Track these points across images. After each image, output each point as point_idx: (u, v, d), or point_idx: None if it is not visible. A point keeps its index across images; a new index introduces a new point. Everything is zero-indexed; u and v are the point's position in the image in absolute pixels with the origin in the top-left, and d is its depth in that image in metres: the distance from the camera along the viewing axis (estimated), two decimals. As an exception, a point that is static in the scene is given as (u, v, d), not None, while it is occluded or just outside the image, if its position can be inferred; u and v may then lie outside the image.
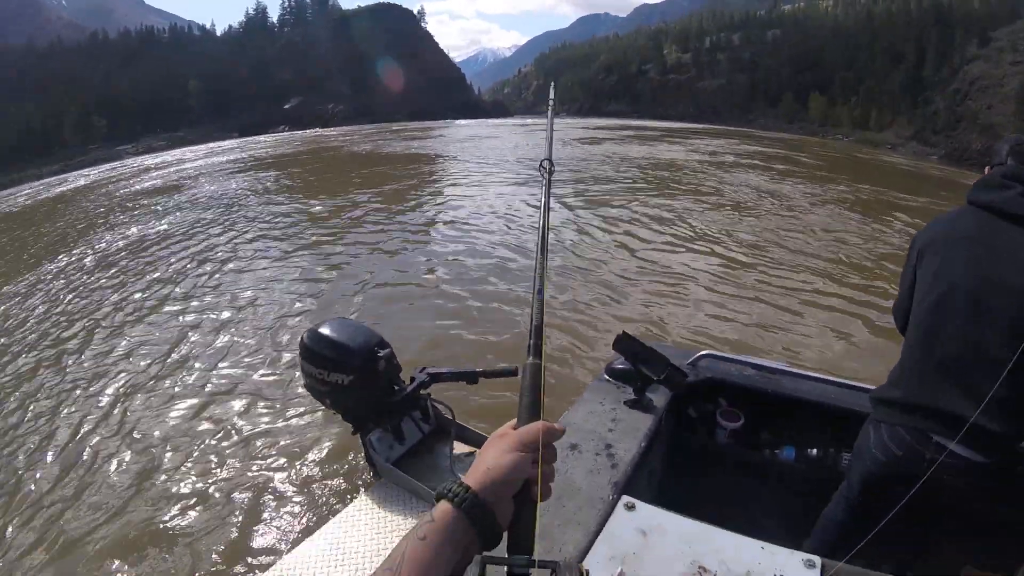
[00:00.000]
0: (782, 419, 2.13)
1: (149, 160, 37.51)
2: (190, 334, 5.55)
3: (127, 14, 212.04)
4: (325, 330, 2.32)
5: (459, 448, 2.45)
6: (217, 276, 7.45)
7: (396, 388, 2.45)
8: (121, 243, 10.07)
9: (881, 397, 1.58)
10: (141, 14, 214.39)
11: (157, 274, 7.80)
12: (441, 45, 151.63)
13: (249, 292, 6.68)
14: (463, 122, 72.04)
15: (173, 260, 8.47)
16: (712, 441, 2.15)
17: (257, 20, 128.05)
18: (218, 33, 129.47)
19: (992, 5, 77.14)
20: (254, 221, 10.76)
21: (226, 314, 5.98)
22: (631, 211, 11.04)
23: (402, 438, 2.52)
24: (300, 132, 65.20)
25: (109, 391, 4.56)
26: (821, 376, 2.16)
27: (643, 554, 1.24)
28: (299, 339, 2.34)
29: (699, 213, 10.96)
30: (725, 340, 5.20)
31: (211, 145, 48.26)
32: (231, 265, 7.88)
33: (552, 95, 1.47)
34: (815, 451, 2.05)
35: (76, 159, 56.97)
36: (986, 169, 1.68)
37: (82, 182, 26.84)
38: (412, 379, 2.50)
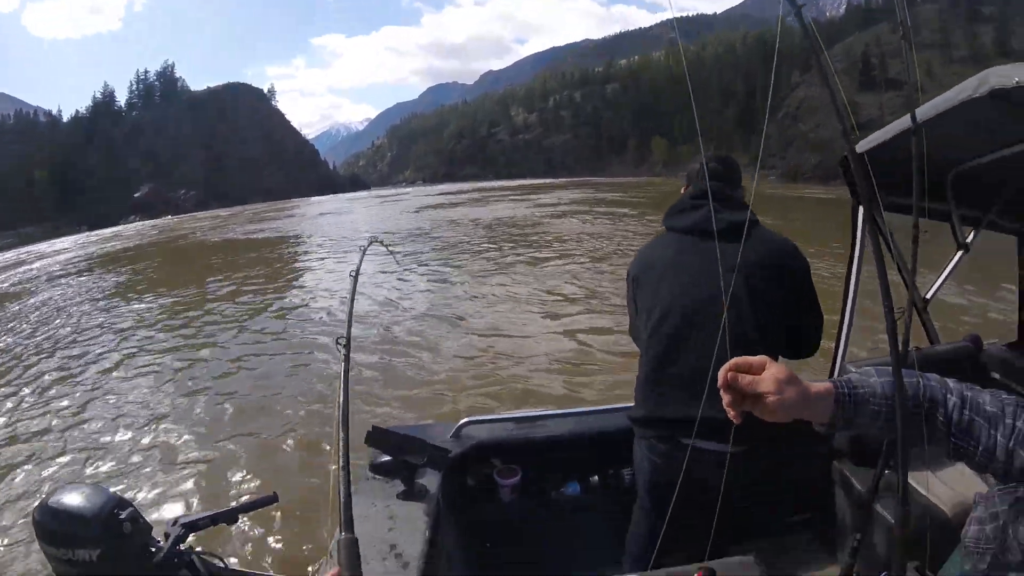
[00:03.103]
0: (558, 459, 2.22)
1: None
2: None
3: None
4: (57, 501, 1.82)
5: None
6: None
7: (153, 550, 1.97)
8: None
9: (633, 416, 1.76)
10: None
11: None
12: (293, 123, 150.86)
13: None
14: (318, 199, 71.15)
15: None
16: (497, 502, 2.16)
17: (104, 105, 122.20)
18: (64, 119, 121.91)
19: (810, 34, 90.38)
20: (66, 339, 9.82)
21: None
22: (444, 275, 11.83)
23: (175, 608, 2.02)
24: (151, 221, 62.24)
25: None
26: (580, 410, 2.34)
27: None
28: (31, 517, 1.88)
29: (502, 269, 11.84)
30: (496, 397, 5.41)
31: (57, 242, 46.09)
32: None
33: (356, 267, 1.61)
34: (596, 478, 2.20)
35: (-88, 258, 49.89)
36: (681, 190, 1.87)
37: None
38: (167, 535, 2.06)
